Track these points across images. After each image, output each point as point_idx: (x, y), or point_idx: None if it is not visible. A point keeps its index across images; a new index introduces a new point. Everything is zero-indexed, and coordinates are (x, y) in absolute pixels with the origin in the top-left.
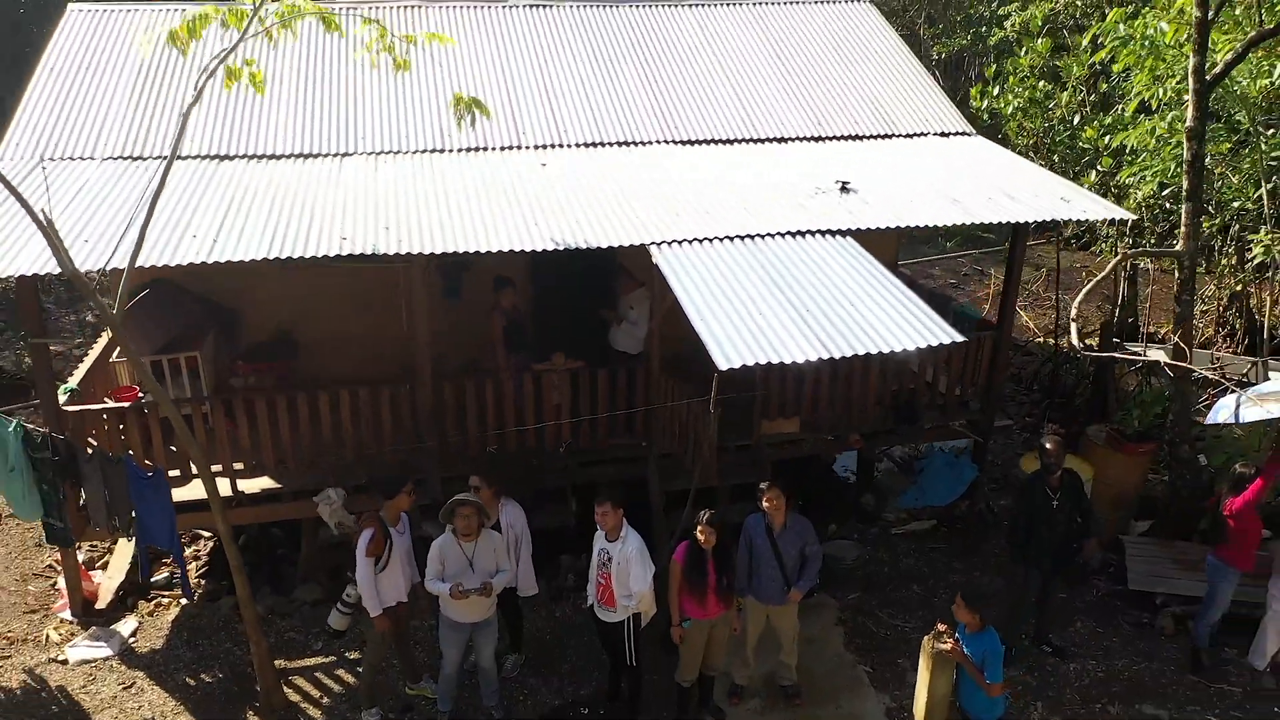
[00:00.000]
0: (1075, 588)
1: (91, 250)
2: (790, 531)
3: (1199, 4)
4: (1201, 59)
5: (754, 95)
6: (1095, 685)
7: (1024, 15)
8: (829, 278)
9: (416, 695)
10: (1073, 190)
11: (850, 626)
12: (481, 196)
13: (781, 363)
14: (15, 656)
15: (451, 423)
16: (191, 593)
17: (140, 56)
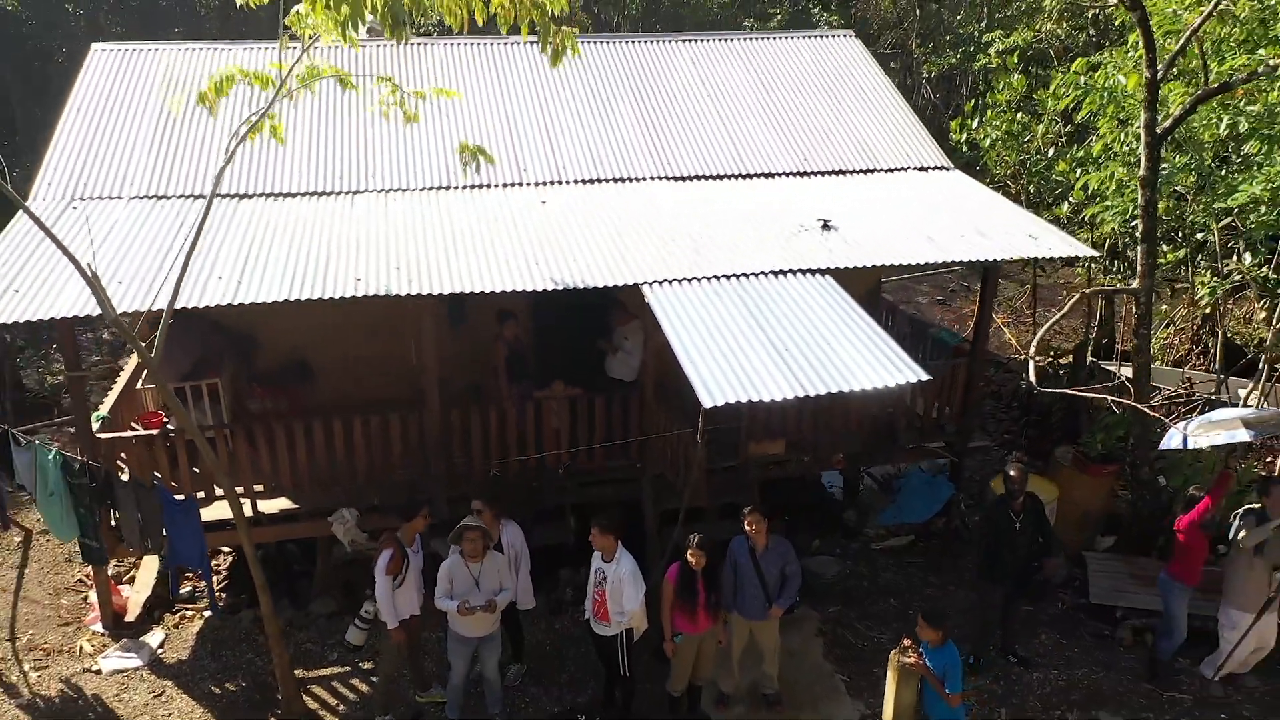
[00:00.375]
0: (1040, 602)
1: (126, 292)
2: (771, 553)
3: (1148, 65)
4: (1152, 115)
5: (743, 131)
6: (1056, 693)
7: (1007, 42)
8: (808, 317)
9: (426, 702)
10: (1041, 227)
11: (830, 638)
12: (486, 235)
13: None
14: (52, 667)
15: (457, 447)
16: (219, 608)
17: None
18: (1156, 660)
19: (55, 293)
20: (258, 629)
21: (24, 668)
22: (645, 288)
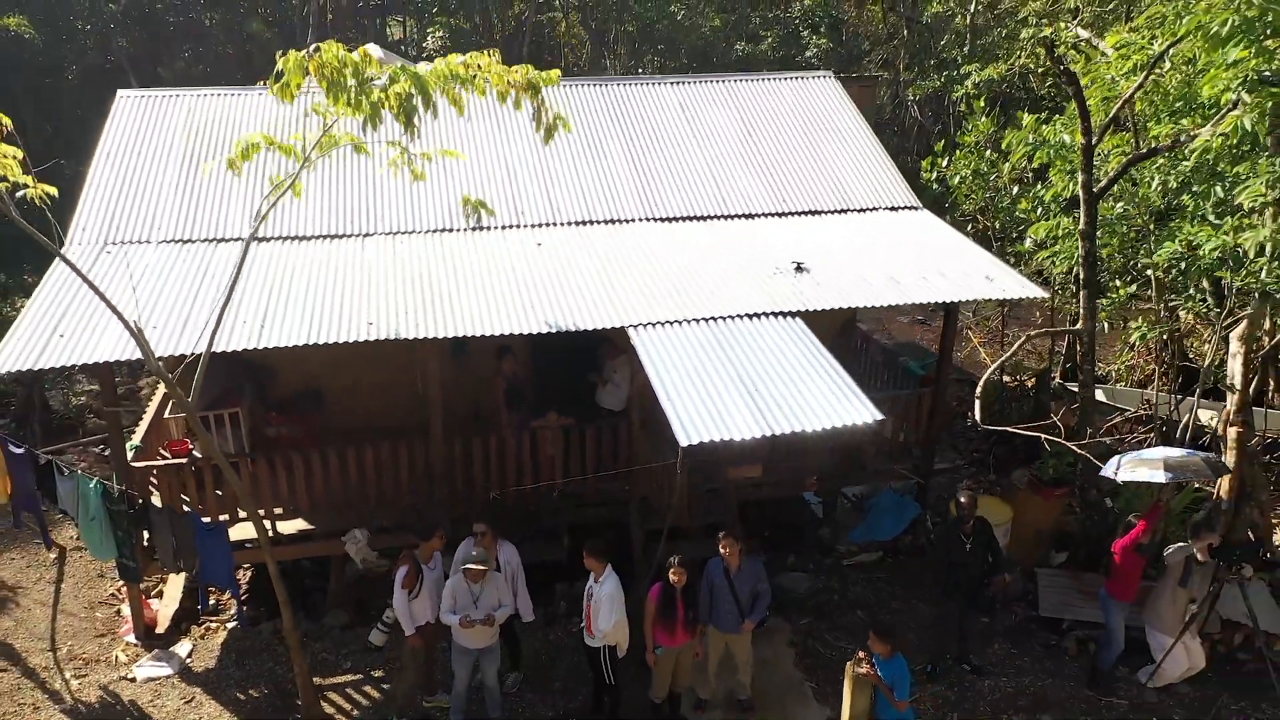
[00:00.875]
0: (991, 616)
1: (160, 336)
2: (744, 573)
3: (1084, 133)
4: (1089, 175)
5: (726, 172)
6: (1005, 699)
7: (981, 75)
8: (778, 359)
9: (433, 707)
10: (998, 268)
11: (800, 648)
12: (487, 277)
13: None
14: (91, 675)
15: (459, 473)
16: (246, 623)
17: (184, 142)
18: (1097, 669)
19: (97, 336)
20: (277, 640)
21: (65, 676)
22: (631, 330)
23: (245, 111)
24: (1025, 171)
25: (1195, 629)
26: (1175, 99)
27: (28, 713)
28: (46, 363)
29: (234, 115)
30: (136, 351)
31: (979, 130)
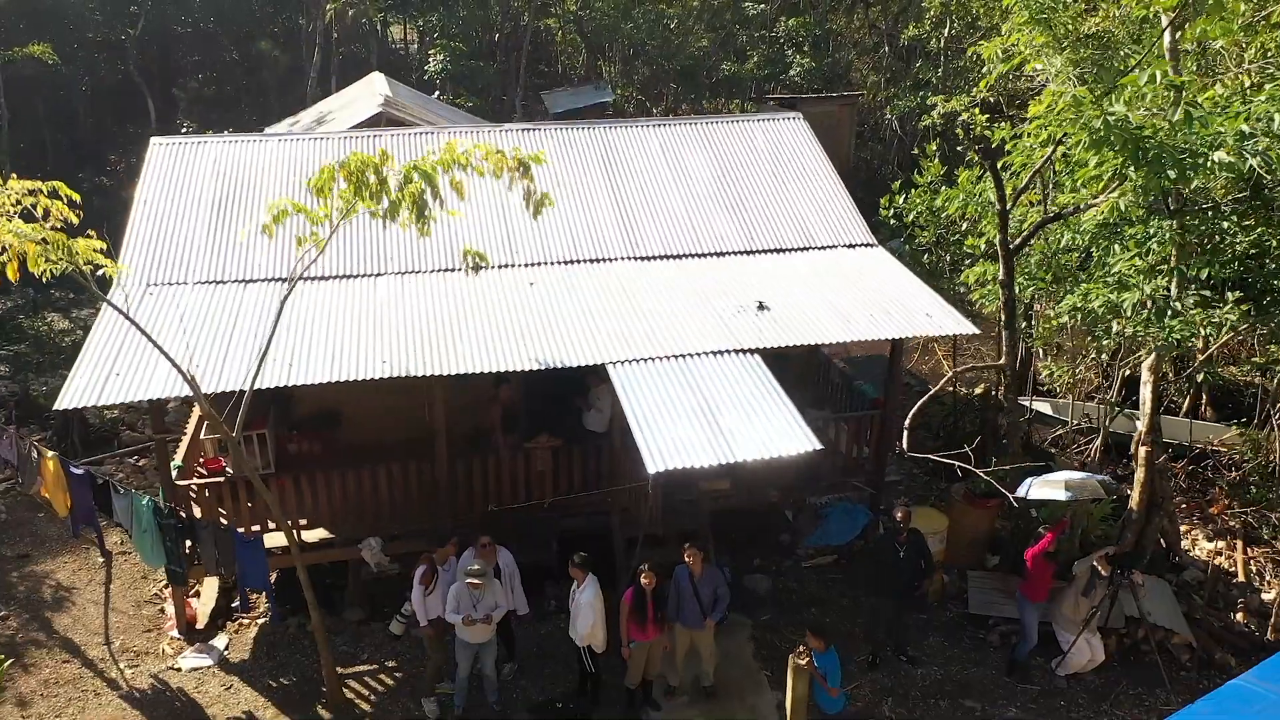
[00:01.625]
0: (930, 611)
1: (202, 373)
2: (706, 578)
3: (999, 199)
4: (1004, 235)
5: (700, 212)
6: (934, 685)
7: (946, 106)
8: (737, 392)
9: (440, 693)
10: (938, 306)
11: (759, 641)
12: (485, 316)
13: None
14: (142, 665)
15: (462, 489)
16: (278, 618)
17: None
18: (1014, 659)
19: (148, 374)
20: (302, 634)
21: (120, 666)
22: (609, 367)
23: (266, 156)
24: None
25: (1094, 627)
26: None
27: (90, 699)
28: (107, 399)
29: (257, 160)
30: (186, 388)
31: (931, 171)
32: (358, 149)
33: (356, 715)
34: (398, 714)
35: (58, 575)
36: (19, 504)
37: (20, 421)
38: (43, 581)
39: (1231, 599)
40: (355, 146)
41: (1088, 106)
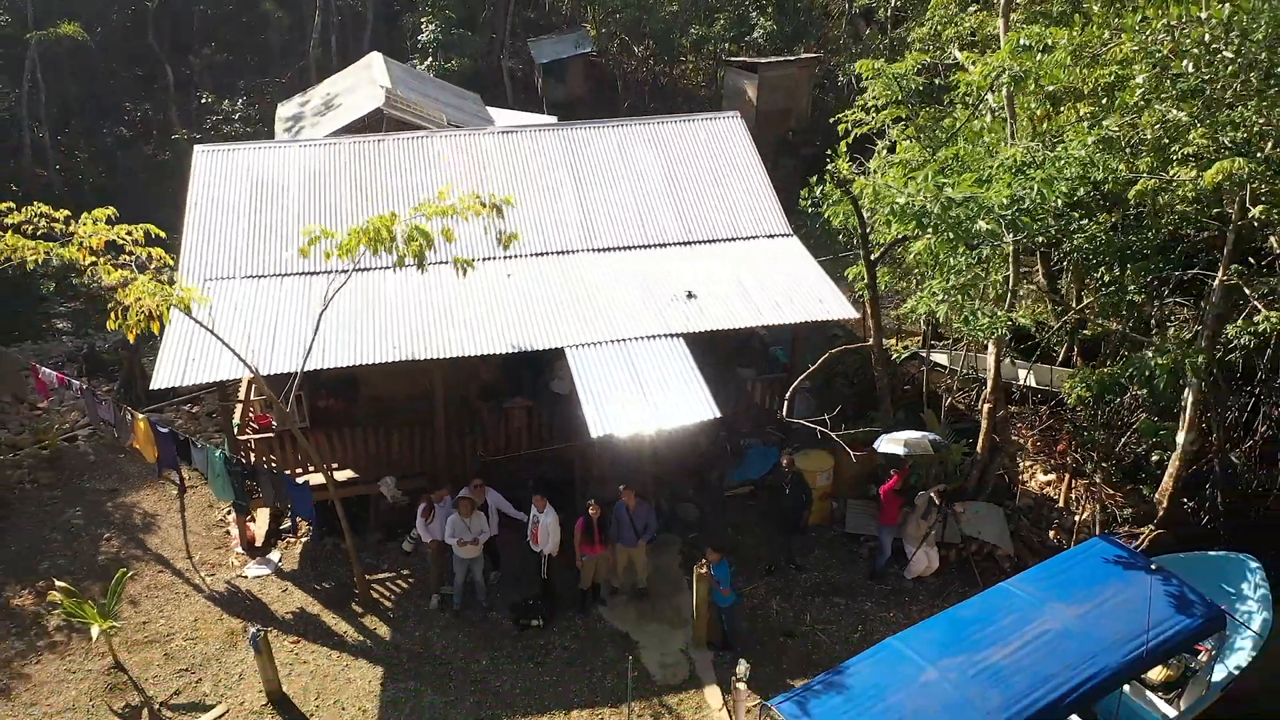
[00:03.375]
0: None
1: (256, 357)
2: (639, 510)
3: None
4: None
5: (649, 207)
6: (813, 586)
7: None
8: (664, 370)
9: (445, 594)
10: (830, 293)
11: (685, 555)
12: (471, 306)
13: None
14: (217, 574)
15: (456, 442)
16: (318, 538)
17: (249, 190)
18: (874, 567)
19: (218, 359)
20: (337, 550)
21: (200, 574)
22: (567, 350)
23: (289, 161)
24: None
25: (931, 542)
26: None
27: (183, 599)
28: (189, 380)
29: (282, 164)
30: (247, 370)
31: (840, 168)
32: (364, 152)
33: (381, 610)
34: (410, 608)
35: (143, 505)
36: (103, 447)
37: (90, 374)
38: (132, 510)
39: (1051, 520)
40: (361, 151)
41: (886, 192)
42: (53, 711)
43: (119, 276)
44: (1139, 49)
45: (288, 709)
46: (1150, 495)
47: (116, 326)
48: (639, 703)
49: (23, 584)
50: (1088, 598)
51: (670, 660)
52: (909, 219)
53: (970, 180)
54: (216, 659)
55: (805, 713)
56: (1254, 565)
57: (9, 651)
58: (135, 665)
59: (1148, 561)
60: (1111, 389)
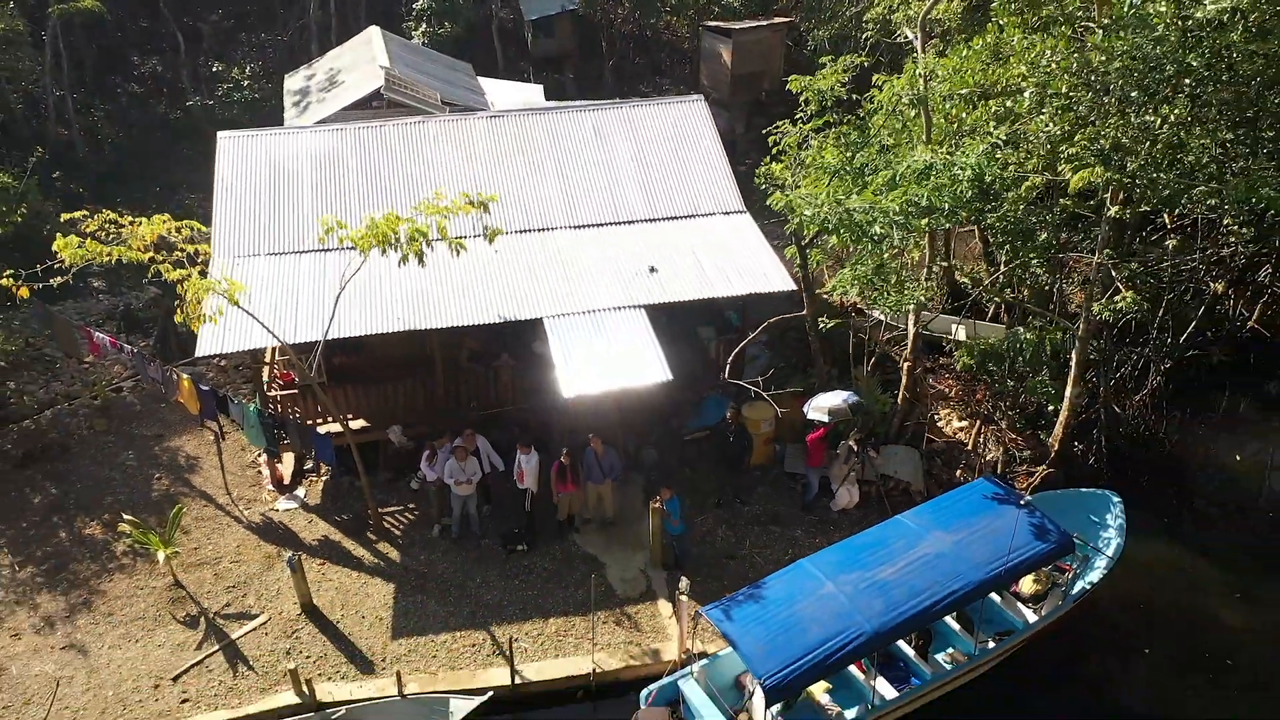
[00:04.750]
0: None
1: (282, 327)
2: (605, 455)
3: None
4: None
5: (620, 186)
6: (755, 517)
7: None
8: (626, 338)
9: (445, 524)
10: (774, 267)
11: (646, 492)
12: (463, 279)
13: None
14: (253, 508)
15: (452, 396)
16: (339, 476)
17: (267, 173)
18: (806, 501)
19: (250, 329)
20: (353, 488)
21: (239, 508)
22: (545, 320)
23: (301, 146)
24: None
25: (852, 480)
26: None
27: (226, 528)
28: (226, 349)
29: (295, 149)
30: (275, 340)
31: (789, 148)
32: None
33: (391, 537)
34: (416, 536)
35: (185, 449)
36: (147, 398)
37: (127, 330)
38: (177, 453)
39: (960, 461)
40: (365, 137)
41: (798, 203)
42: (127, 619)
43: (178, 275)
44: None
45: (318, 618)
46: (1046, 440)
47: (182, 320)
48: (604, 611)
49: (91, 516)
50: (965, 527)
51: (630, 577)
52: (816, 224)
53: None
54: (258, 577)
55: (729, 618)
56: (1115, 500)
57: (86, 572)
58: (191, 583)
59: (1019, 497)
60: (992, 358)
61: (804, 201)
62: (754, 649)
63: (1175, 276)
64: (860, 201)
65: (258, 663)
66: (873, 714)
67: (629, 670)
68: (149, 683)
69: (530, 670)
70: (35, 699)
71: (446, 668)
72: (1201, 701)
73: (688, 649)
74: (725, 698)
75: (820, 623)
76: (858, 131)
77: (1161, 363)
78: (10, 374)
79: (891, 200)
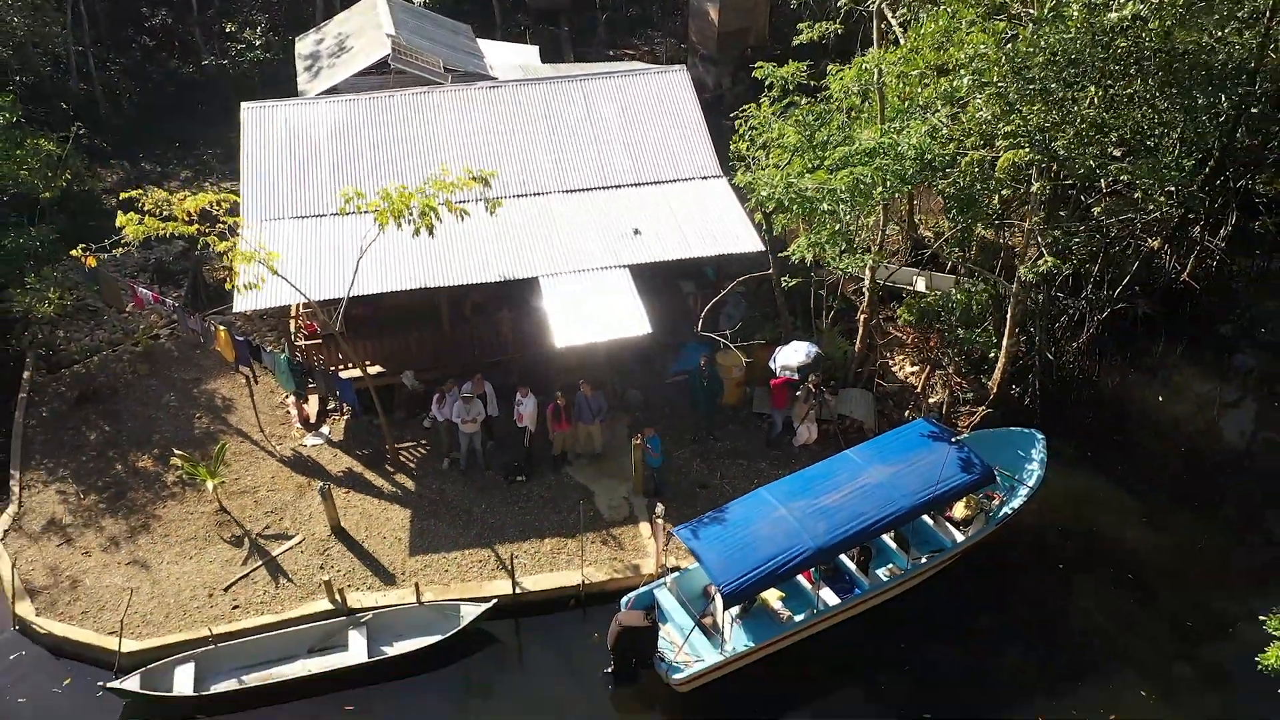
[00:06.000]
0: (733, 411)
1: (308, 286)
2: (594, 398)
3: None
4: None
5: (608, 153)
6: (726, 452)
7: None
8: (612, 295)
9: (452, 457)
10: (745, 229)
11: (630, 429)
12: (467, 241)
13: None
14: (284, 443)
15: (460, 345)
16: (360, 413)
17: (288, 141)
18: (770, 437)
19: (279, 287)
20: (372, 426)
21: (271, 443)
22: (540, 278)
23: (319, 115)
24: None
25: (812, 419)
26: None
27: (261, 461)
28: (259, 305)
29: (313, 118)
30: (299, 296)
31: (759, 118)
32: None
33: (407, 469)
34: (428, 468)
35: (221, 391)
36: (183, 345)
37: (159, 283)
38: (213, 395)
39: (910, 403)
40: (375, 107)
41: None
42: (181, 539)
43: (224, 246)
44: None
45: (345, 538)
46: (987, 384)
47: (231, 288)
48: (592, 533)
49: (142, 451)
50: (901, 461)
51: (615, 504)
52: (771, 203)
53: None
54: (292, 504)
55: (696, 536)
56: (1039, 438)
57: (142, 499)
58: (234, 509)
59: (951, 435)
60: (930, 314)
61: (762, 182)
62: (715, 562)
63: (1118, 235)
64: (811, 181)
65: (296, 576)
66: (817, 617)
67: (613, 582)
68: (204, 592)
69: (528, 582)
70: (109, 605)
71: (457, 580)
72: (1103, 605)
73: (663, 564)
74: (693, 605)
75: (772, 541)
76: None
77: (1095, 314)
78: (59, 324)
79: (839, 180)
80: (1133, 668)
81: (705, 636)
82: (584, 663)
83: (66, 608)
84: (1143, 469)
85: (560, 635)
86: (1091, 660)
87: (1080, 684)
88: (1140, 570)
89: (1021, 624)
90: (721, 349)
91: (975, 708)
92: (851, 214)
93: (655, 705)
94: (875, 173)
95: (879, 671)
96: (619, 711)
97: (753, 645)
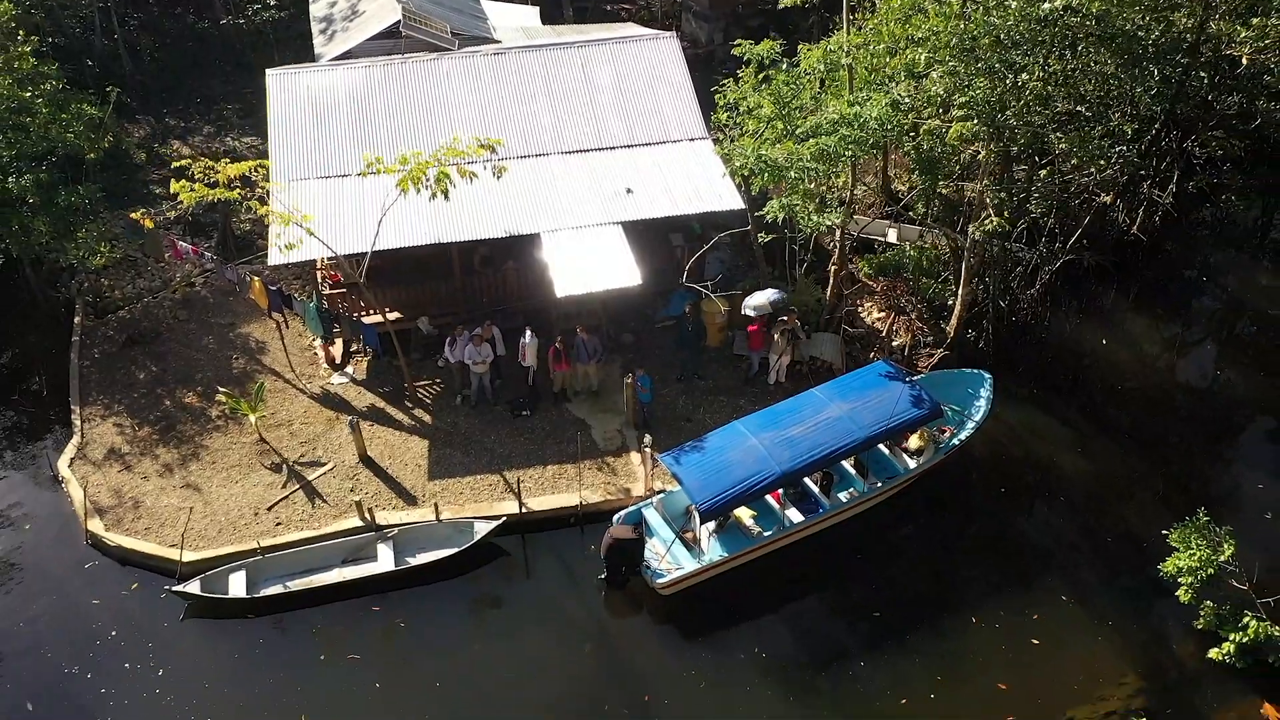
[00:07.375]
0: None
1: (334, 240)
2: (591, 341)
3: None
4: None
5: (603, 116)
6: (708, 389)
7: None
8: (605, 250)
9: (463, 394)
10: (727, 189)
11: (623, 369)
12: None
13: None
14: (313, 382)
15: (470, 293)
16: (382, 354)
17: (316, 107)
18: (749, 376)
19: (308, 242)
20: (392, 365)
21: (302, 383)
22: (542, 234)
23: (337, 81)
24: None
25: (786, 359)
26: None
27: (293, 398)
28: (289, 259)
29: (332, 84)
30: (327, 251)
31: (739, 91)
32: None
33: (423, 405)
34: (443, 404)
35: (254, 335)
36: (217, 292)
37: (191, 234)
38: (247, 339)
39: (875, 345)
40: (389, 74)
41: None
42: (227, 466)
43: (264, 210)
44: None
45: (372, 465)
46: (945, 328)
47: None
48: (589, 460)
49: (187, 388)
50: (860, 398)
51: (609, 435)
52: (744, 171)
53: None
54: (323, 435)
55: (678, 462)
56: (987, 378)
57: (189, 431)
58: (272, 439)
59: (905, 375)
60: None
61: (736, 153)
62: (694, 484)
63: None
64: (780, 151)
65: (330, 497)
66: (784, 533)
67: (607, 503)
68: (250, 512)
69: (533, 503)
70: (167, 522)
71: (471, 501)
72: (1036, 524)
73: (650, 486)
74: (676, 521)
75: (743, 466)
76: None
77: (1048, 265)
78: (104, 274)
79: (806, 149)
80: (1055, 576)
81: (685, 548)
82: (581, 571)
83: (131, 524)
84: (1084, 406)
85: (561, 548)
86: (1023, 570)
87: (1011, 590)
88: (1071, 494)
89: (966, 540)
90: (704, 298)
91: (921, 610)
92: (820, 178)
93: (642, 606)
94: (839, 142)
95: (837, 580)
96: (611, 611)
97: (726, 556)
